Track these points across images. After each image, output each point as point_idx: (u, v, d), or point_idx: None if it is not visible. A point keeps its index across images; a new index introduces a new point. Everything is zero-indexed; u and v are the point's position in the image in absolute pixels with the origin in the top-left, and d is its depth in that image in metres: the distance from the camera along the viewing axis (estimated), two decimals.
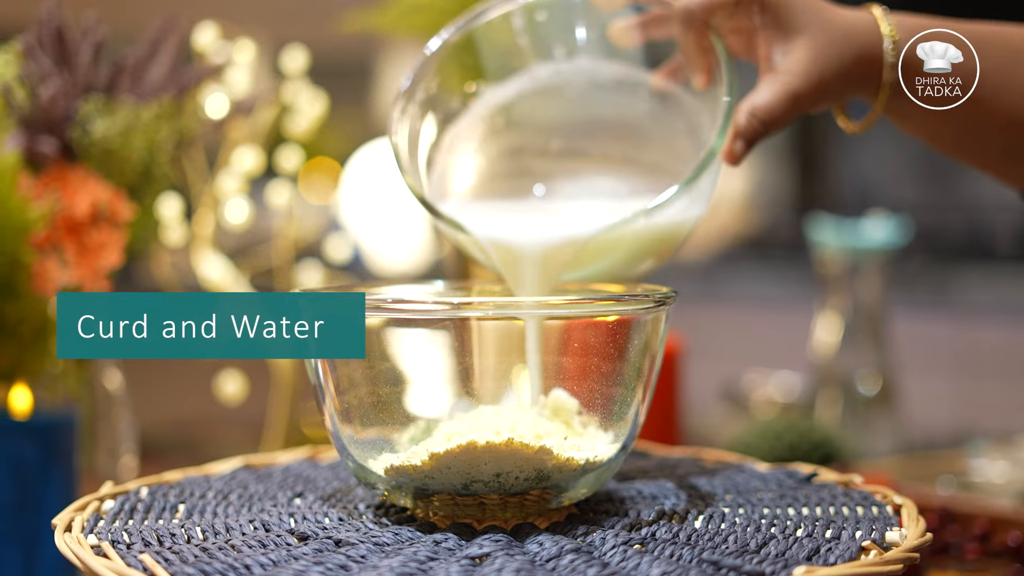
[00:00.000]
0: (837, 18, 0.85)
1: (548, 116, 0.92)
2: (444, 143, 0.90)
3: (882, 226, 1.55)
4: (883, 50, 0.85)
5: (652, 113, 0.90)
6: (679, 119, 0.89)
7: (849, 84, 0.85)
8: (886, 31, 0.85)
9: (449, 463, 0.73)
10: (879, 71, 0.85)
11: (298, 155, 1.35)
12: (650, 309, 0.77)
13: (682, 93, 0.89)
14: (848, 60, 0.84)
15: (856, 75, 0.85)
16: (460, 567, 0.65)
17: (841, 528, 0.73)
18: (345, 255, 1.45)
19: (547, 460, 0.73)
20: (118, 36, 1.14)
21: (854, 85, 0.86)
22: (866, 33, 0.85)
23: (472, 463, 0.73)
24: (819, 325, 1.57)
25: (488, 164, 0.91)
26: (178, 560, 0.66)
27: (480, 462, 0.73)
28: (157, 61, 1.10)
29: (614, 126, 0.91)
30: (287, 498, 0.82)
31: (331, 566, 0.65)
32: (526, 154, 0.92)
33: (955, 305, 3.02)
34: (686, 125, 0.89)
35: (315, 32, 1.97)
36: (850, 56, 0.84)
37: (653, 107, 0.90)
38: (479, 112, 0.91)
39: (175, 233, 1.22)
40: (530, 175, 0.91)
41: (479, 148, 0.91)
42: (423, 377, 0.77)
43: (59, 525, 0.73)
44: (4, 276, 0.97)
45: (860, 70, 0.85)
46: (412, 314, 0.76)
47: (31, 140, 1.03)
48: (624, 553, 0.67)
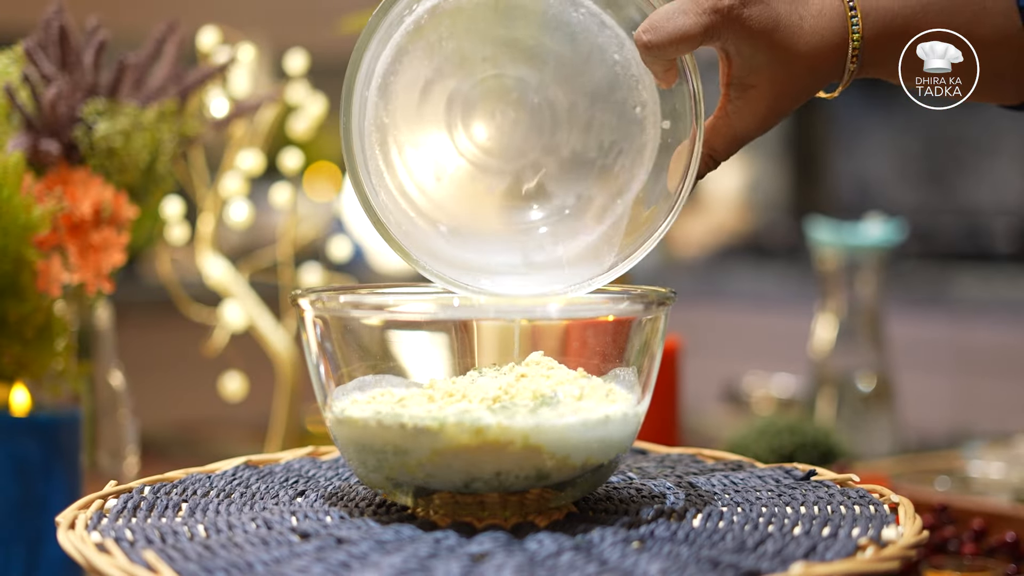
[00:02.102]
0: (801, 45, 0.82)
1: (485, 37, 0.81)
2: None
3: (880, 226, 1.56)
4: (848, 51, 0.83)
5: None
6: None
7: (810, 93, 0.85)
8: (853, 35, 0.83)
9: (450, 461, 0.73)
10: (842, 71, 0.84)
11: (299, 156, 1.35)
12: (649, 309, 0.77)
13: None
14: (809, 86, 0.84)
15: (818, 86, 0.84)
16: (460, 565, 0.66)
17: (838, 526, 0.73)
18: (346, 255, 1.46)
19: (546, 459, 0.74)
20: (121, 38, 1.15)
21: (815, 91, 0.85)
22: (832, 49, 0.82)
23: (473, 461, 0.73)
24: (817, 325, 1.58)
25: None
26: (181, 557, 0.67)
27: (480, 460, 0.73)
28: (159, 63, 1.11)
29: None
30: (289, 496, 0.82)
31: (332, 563, 0.66)
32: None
33: (952, 305, 3.03)
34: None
35: (316, 34, 1.98)
36: (811, 84, 0.83)
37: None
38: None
39: (177, 234, 1.23)
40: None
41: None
42: (423, 377, 0.78)
43: (63, 523, 0.73)
44: (8, 276, 0.98)
45: (822, 84, 0.84)
46: (412, 315, 0.76)
47: (35, 141, 1.03)
48: (623, 551, 0.68)
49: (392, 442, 0.74)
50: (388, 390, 0.77)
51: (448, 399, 0.75)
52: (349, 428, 0.76)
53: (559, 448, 0.74)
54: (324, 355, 0.78)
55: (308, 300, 0.78)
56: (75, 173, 1.03)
